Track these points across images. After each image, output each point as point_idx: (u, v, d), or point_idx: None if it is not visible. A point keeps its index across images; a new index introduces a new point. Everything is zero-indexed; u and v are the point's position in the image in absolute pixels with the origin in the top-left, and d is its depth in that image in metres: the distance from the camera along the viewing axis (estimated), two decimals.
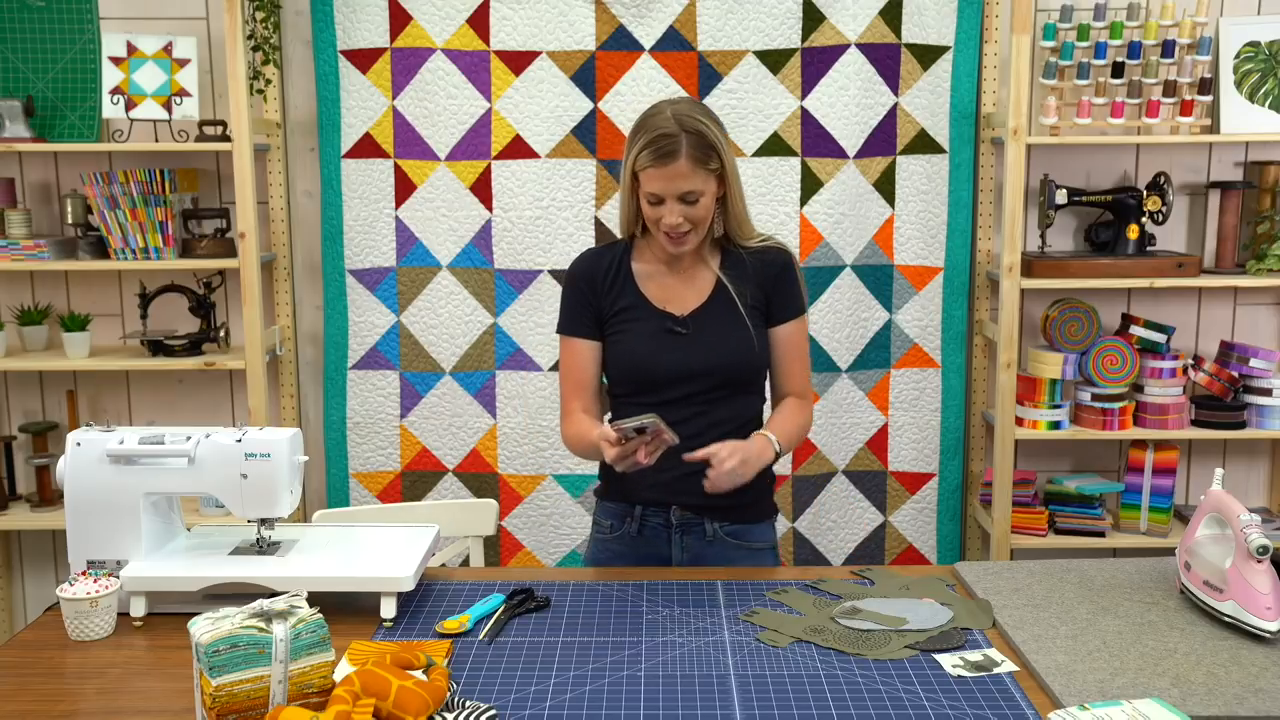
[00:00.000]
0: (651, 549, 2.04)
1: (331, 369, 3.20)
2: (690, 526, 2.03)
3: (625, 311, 2.02)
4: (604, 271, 2.04)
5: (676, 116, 1.90)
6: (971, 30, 3.08)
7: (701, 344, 1.98)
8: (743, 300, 2.00)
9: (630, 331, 2.01)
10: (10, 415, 3.32)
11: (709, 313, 2.01)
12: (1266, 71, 3.06)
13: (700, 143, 1.89)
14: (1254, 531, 1.61)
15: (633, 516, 2.04)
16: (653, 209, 1.93)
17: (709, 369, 1.97)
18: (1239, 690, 1.46)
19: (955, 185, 3.13)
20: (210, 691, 1.32)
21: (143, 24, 3.13)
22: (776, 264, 2.04)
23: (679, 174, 1.88)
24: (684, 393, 1.98)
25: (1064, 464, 3.35)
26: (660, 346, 1.98)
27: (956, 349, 3.20)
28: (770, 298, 2.03)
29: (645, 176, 1.91)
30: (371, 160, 3.12)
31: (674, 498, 2.01)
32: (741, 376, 2.01)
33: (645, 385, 2.00)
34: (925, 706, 1.43)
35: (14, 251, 2.99)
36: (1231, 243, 3.12)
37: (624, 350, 2.01)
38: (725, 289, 2.01)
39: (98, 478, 1.76)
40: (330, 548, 1.84)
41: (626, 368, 2.01)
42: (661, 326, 2.00)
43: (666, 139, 1.88)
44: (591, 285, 2.04)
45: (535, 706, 1.44)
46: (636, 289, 2.03)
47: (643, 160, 1.90)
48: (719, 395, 1.99)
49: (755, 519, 2.07)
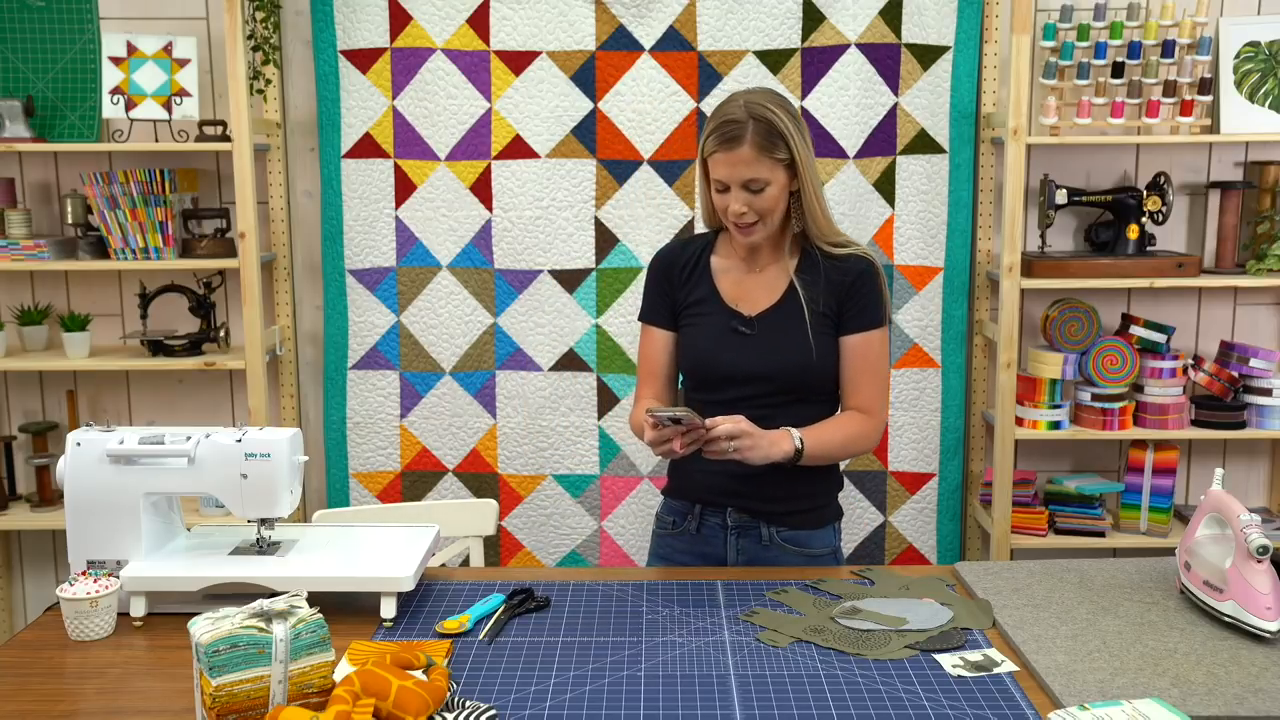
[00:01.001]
0: (709, 548, 2.04)
1: (331, 369, 3.20)
2: (746, 529, 2.01)
3: (697, 304, 2.02)
4: (684, 263, 2.05)
5: (747, 104, 1.89)
6: (971, 30, 3.08)
7: (763, 346, 1.96)
8: (813, 306, 1.96)
9: (697, 325, 2.01)
10: (10, 415, 3.32)
11: (777, 315, 1.98)
12: (1266, 71, 3.06)
13: (767, 130, 1.87)
14: (1254, 531, 1.61)
15: (693, 515, 2.05)
16: (719, 197, 1.93)
17: (767, 373, 1.95)
18: (1239, 690, 1.46)
19: (955, 185, 3.13)
20: (210, 691, 1.32)
21: (143, 24, 3.13)
22: (854, 271, 1.98)
23: (742, 160, 1.87)
24: (743, 394, 1.95)
25: (1064, 464, 3.35)
26: (722, 344, 1.98)
27: (956, 349, 3.20)
28: (842, 306, 1.98)
29: (712, 162, 1.91)
30: (371, 160, 3.12)
31: (730, 499, 2.00)
32: (802, 384, 1.96)
33: (704, 382, 2.00)
34: (925, 706, 1.43)
35: (14, 251, 2.99)
36: (1231, 243, 3.12)
37: (689, 343, 2.02)
38: (797, 292, 1.98)
39: (98, 478, 1.76)
40: (330, 548, 1.84)
41: (690, 361, 2.02)
42: (728, 324, 1.99)
43: (733, 124, 1.87)
44: (669, 276, 2.05)
45: (535, 706, 1.44)
46: (712, 283, 2.03)
47: (710, 145, 1.90)
48: (780, 401, 1.96)
49: (815, 524, 2.04)
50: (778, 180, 1.90)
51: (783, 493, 1.99)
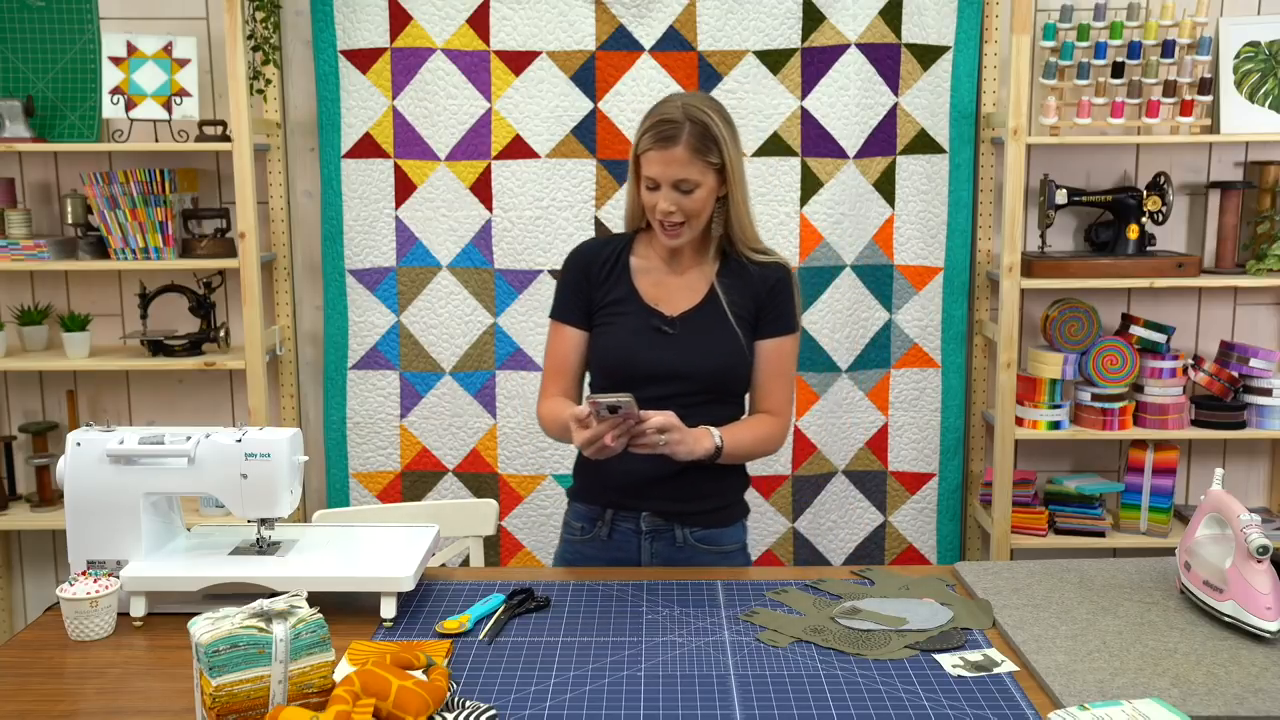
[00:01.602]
0: (621, 553, 2.04)
1: (331, 369, 3.20)
2: (660, 532, 2.02)
3: (616, 304, 2.02)
4: (602, 261, 2.05)
5: (684, 106, 1.92)
6: (971, 30, 3.08)
7: (685, 346, 1.98)
8: (734, 309, 2.00)
9: (617, 325, 2.01)
10: (10, 415, 3.32)
11: (698, 316, 2.00)
12: (1266, 71, 3.06)
13: (703, 133, 1.90)
14: (1254, 531, 1.61)
15: (603, 520, 2.04)
16: (649, 195, 1.94)
17: (689, 372, 1.97)
18: (1239, 690, 1.46)
19: (955, 185, 3.13)
20: (210, 691, 1.32)
21: (143, 24, 3.13)
22: (772, 277, 2.02)
23: (676, 160, 1.89)
24: (662, 394, 1.96)
25: (1064, 464, 3.35)
26: (643, 343, 1.99)
27: (956, 349, 3.20)
28: (760, 311, 2.02)
29: (645, 160, 1.92)
30: (371, 160, 3.12)
31: (644, 502, 2.01)
32: (721, 384, 2.00)
33: (624, 381, 1.99)
34: (925, 706, 1.43)
35: (14, 251, 2.99)
36: (1231, 243, 3.12)
37: (608, 342, 2.02)
38: (718, 295, 2.01)
39: (98, 478, 1.76)
40: (330, 548, 1.84)
41: (608, 361, 2.02)
42: (649, 324, 2.00)
43: (669, 124, 1.90)
44: (586, 274, 2.05)
45: (535, 706, 1.44)
46: (631, 283, 2.03)
47: (644, 143, 1.92)
48: (698, 401, 1.97)
49: (725, 522, 2.07)
50: (708, 184, 1.93)
51: (696, 493, 2.01)
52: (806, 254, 3.10)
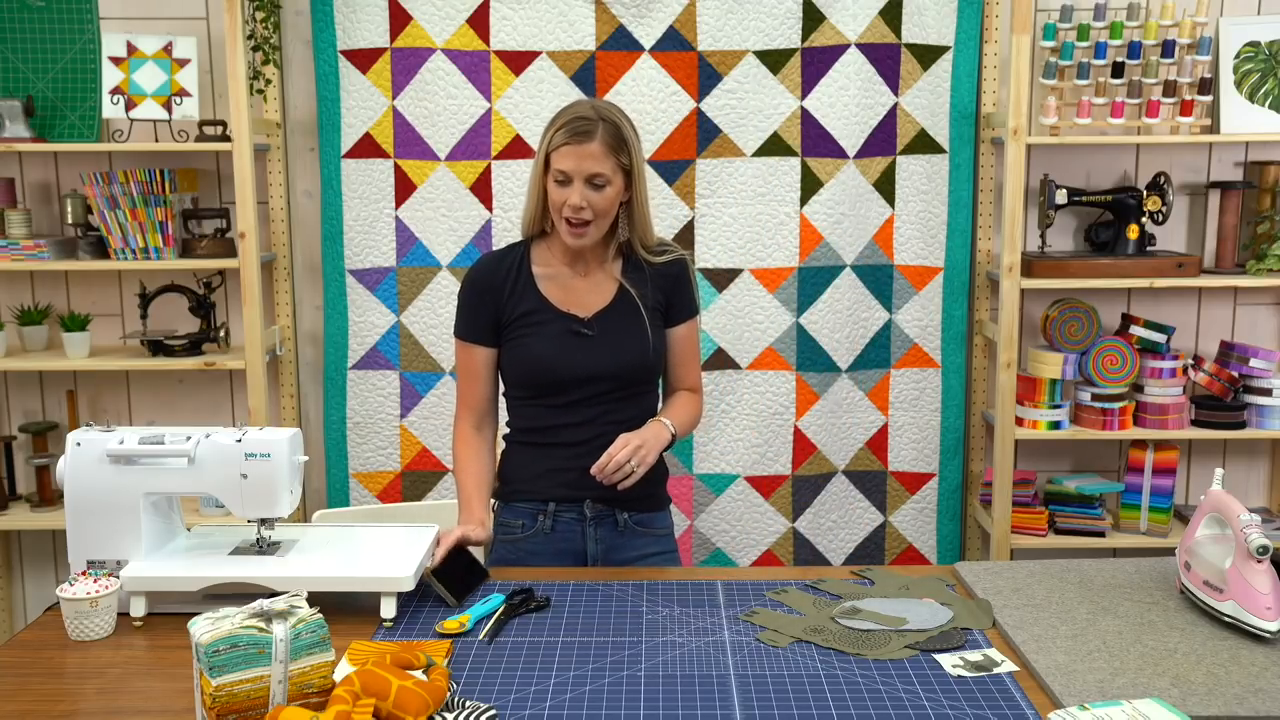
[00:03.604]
0: (565, 544, 2.08)
1: (331, 369, 3.20)
2: (603, 518, 2.08)
3: (527, 315, 2.05)
4: (503, 275, 2.07)
5: (596, 107, 2.00)
6: (971, 30, 3.08)
7: (606, 346, 2.03)
8: (645, 302, 2.06)
9: (534, 335, 2.04)
10: (10, 415, 3.32)
11: (612, 315, 2.06)
12: (1266, 71, 3.06)
13: (615, 133, 1.97)
14: (1254, 531, 1.61)
15: (545, 513, 2.07)
16: (559, 190, 1.97)
17: (614, 371, 2.03)
18: (1239, 690, 1.46)
19: (955, 185, 3.13)
20: (210, 691, 1.32)
21: (143, 24, 3.13)
22: (675, 267, 2.11)
23: (590, 154, 1.94)
24: (588, 394, 2.03)
25: (1064, 464, 3.35)
26: (565, 348, 2.03)
27: (956, 349, 3.20)
28: (670, 300, 2.11)
29: (557, 155, 1.95)
30: (371, 160, 3.12)
31: (586, 492, 2.05)
32: (644, 376, 2.08)
33: (548, 387, 2.04)
34: (925, 706, 1.43)
35: (14, 251, 2.99)
36: (1231, 243, 3.12)
37: (527, 353, 2.04)
38: (627, 292, 2.06)
39: (98, 478, 1.76)
40: (330, 548, 1.84)
41: (530, 370, 2.05)
42: (566, 329, 2.04)
43: (585, 121, 1.96)
44: (490, 291, 2.07)
45: (535, 706, 1.44)
46: (538, 292, 2.06)
47: (558, 139, 1.95)
48: (621, 395, 2.06)
49: (657, 507, 2.15)
50: (616, 183, 1.99)
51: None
52: (806, 254, 3.10)
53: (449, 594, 1.78)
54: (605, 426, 2.03)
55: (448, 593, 1.78)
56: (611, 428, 2.02)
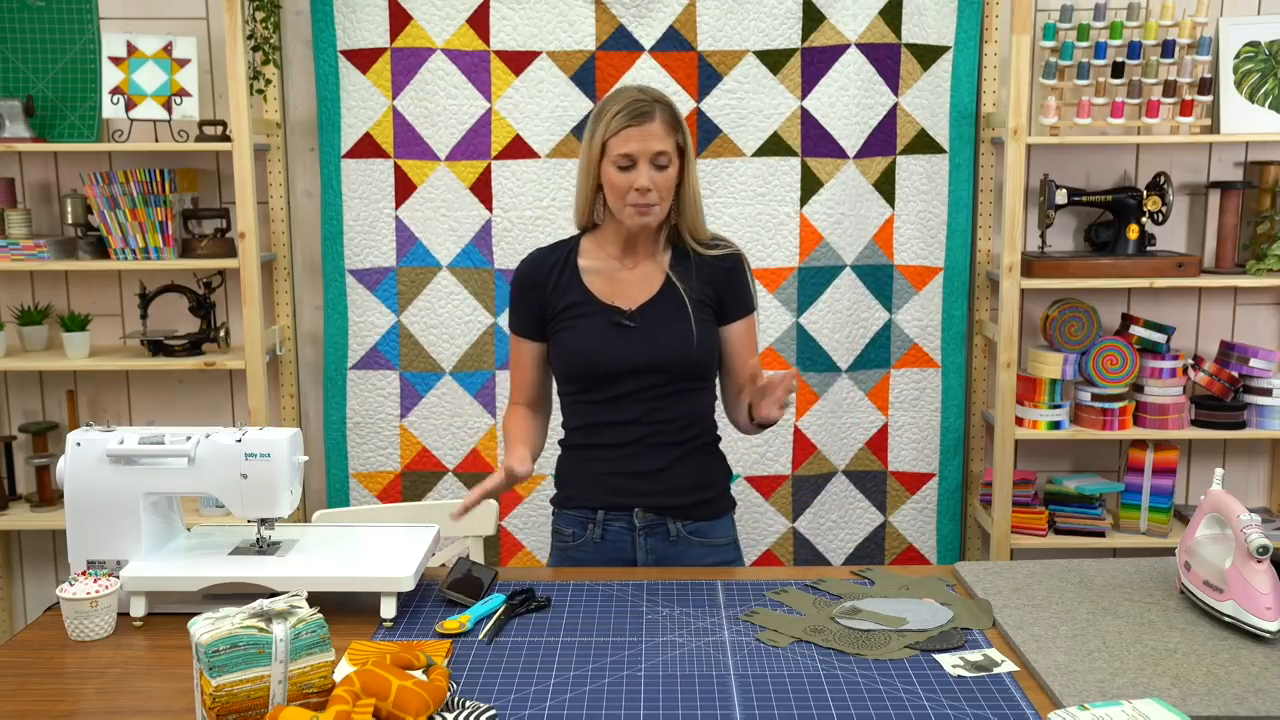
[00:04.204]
0: (616, 553, 2.05)
1: (331, 369, 3.20)
2: (654, 528, 2.03)
3: (571, 308, 2.02)
4: (548, 270, 2.05)
5: (643, 89, 1.97)
6: (971, 30, 3.08)
7: (649, 338, 1.99)
8: (692, 295, 2.01)
9: (576, 327, 2.01)
10: (10, 415, 3.32)
11: (656, 308, 2.01)
12: (1266, 71, 3.06)
13: (672, 111, 1.96)
14: (1254, 531, 1.61)
15: (595, 522, 2.04)
16: (623, 175, 1.93)
17: (656, 364, 1.98)
18: (1239, 690, 1.46)
19: (955, 185, 3.13)
20: (210, 691, 1.32)
21: (143, 24, 3.13)
22: (727, 260, 2.05)
23: (653, 134, 1.91)
24: (631, 388, 1.99)
25: (1064, 464, 3.35)
26: (607, 340, 1.99)
27: (956, 349, 3.20)
28: (722, 296, 2.04)
29: (619, 140, 1.92)
30: (371, 160, 3.12)
31: (636, 499, 2.02)
32: (689, 371, 2.01)
33: (592, 381, 2.01)
34: (925, 706, 1.43)
35: (14, 251, 2.99)
36: (1231, 243, 3.12)
37: (570, 345, 2.02)
38: (674, 285, 2.02)
39: (98, 478, 1.76)
40: (330, 548, 1.84)
41: (573, 363, 2.02)
42: (609, 320, 2.00)
43: (642, 103, 1.93)
44: (535, 286, 2.05)
45: (535, 706, 1.44)
46: (583, 285, 2.03)
47: (616, 124, 1.92)
48: (668, 392, 2.00)
49: (715, 515, 2.08)
50: (676, 163, 1.96)
51: (686, 484, 2.03)
52: (806, 254, 3.10)
53: (467, 598, 1.78)
54: (651, 427, 1.99)
55: (466, 597, 1.78)
56: (658, 428, 1.99)
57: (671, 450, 2.01)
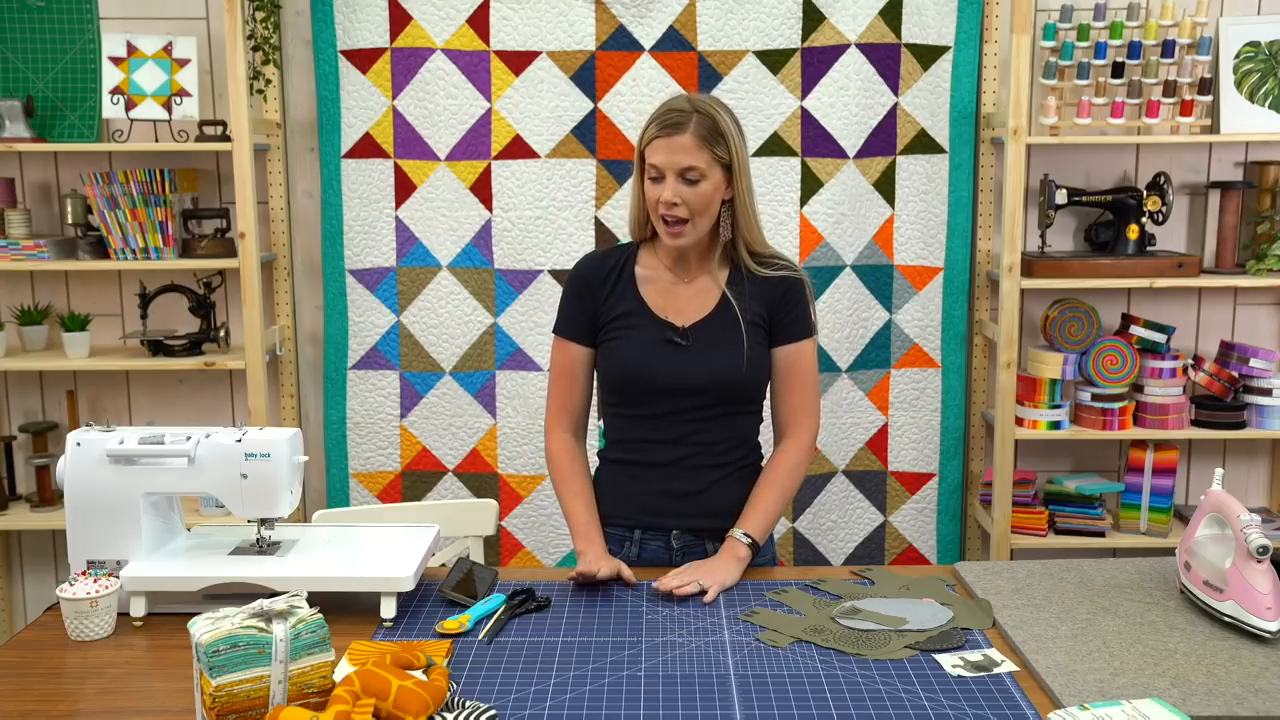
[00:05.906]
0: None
1: (331, 369, 3.20)
2: (691, 549, 1.99)
3: (624, 317, 1.97)
4: (605, 274, 2.00)
5: (692, 100, 1.90)
6: (971, 30, 3.08)
7: (699, 358, 1.93)
8: (747, 316, 1.95)
9: (627, 338, 1.96)
10: (10, 415, 3.32)
11: (710, 326, 1.95)
12: (1266, 71, 3.06)
13: (710, 125, 1.87)
14: (1254, 531, 1.61)
15: (631, 540, 2.01)
16: (653, 187, 1.89)
17: (703, 385, 1.93)
18: (1239, 690, 1.46)
19: (955, 185, 3.13)
20: (210, 691, 1.32)
21: (143, 24, 3.13)
22: (785, 282, 1.98)
23: (681, 147, 1.85)
24: (675, 407, 1.94)
25: (1064, 464, 3.35)
26: (657, 356, 1.94)
27: (956, 349, 3.20)
28: (774, 316, 1.97)
29: (650, 150, 1.88)
30: (371, 160, 3.12)
31: (674, 520, 1.98)
32: (737, 395, 1.95)
33: (635, 395, 1.96)
34: (925, 706, 1.43)
35: (14, 251, 2.99)
36: (1231, 243, 3.12)
37: (618, 357, 1.96)
38: (729, 305, 1.96)
39: (98, 478, 1.76)
40: (330, 548, 1.84)
41: (619, 375, 1.97)
42: (660, 336, 1.95)
43: (677, 113, 1.87)
44: (590, 289, 2.00)
45: (535, 706, 1.44)
46: (637, 294, 1.98)
47: (650, 133, 1.89)
48: (713, 414, 1.95)
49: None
50: (713, 179, 1.88)
51: (726, 507, 1.97)
52: (806, 254, 3.10)
53: (467, 598, 1.77)
54: (693, 448, 1.95)
55: (466, 597, 1.77)
56: (700, 449, 1.95)
57: (712, 472, 1.97)
